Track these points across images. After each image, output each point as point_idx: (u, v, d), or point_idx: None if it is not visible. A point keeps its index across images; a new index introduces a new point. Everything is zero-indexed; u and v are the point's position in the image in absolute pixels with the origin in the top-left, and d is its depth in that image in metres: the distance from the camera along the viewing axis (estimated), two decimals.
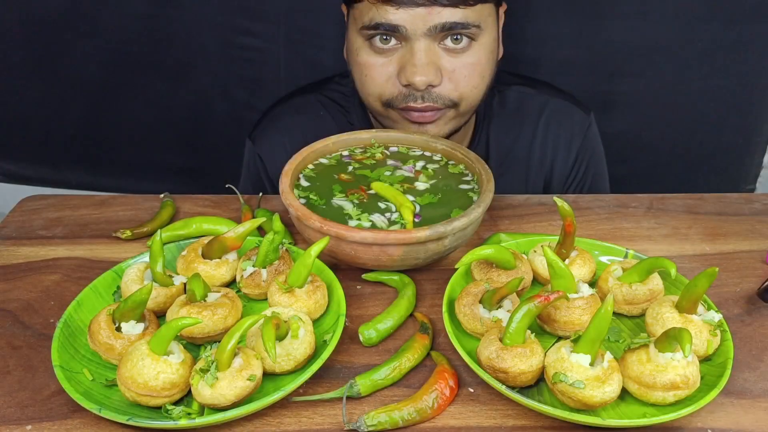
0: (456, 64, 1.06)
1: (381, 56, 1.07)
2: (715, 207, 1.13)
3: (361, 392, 0.75)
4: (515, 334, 0.73)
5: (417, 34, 1.02)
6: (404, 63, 1.04)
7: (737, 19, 1.52)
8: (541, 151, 1.28)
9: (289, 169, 0.96)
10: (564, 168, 1.30)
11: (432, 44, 1.03)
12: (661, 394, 0.70)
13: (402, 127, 1.13)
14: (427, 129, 1.11)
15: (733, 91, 1.61)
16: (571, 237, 0.87)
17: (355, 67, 1.11)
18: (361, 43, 1.07)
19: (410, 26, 1.01)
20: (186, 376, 0.71)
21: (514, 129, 1.28)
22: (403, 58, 1.05)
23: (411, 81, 1.04)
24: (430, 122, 1.10)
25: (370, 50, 1.07)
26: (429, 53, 1.03)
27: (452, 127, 1.14)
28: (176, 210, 1.08)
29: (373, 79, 1.08)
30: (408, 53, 1.04)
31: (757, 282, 0.95)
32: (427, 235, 0.84)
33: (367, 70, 1.09)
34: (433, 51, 1.04)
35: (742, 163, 1.75)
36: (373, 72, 1.08)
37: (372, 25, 1.03)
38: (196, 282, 0.78)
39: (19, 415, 0.72)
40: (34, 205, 1.09)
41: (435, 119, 1.10)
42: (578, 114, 1.30)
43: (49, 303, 0.88)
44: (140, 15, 1.57)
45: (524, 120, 1.28)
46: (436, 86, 1.06)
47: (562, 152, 1.29)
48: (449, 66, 1.05)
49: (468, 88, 1.08)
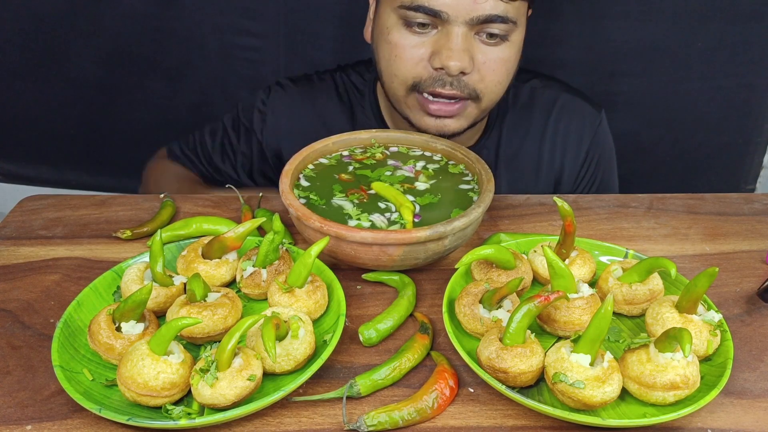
0: (488, 57, 1.05)
1: (415, 37, 1.05)
2: (715, 207, 1.13)
3: (361, 392, 0.75)
4: (515, 334, 0.73)
5: (458, 20, 1.01)
6: (440, 47, 1.03)
7: (737, 19, 1.52)
8: (551, 145, 1.28)
9: (289, 169, 0.96)
10: (575, 164, 1.30)
11: (469, 32, 1.03)
12: (661, 394, 0.70)
13: (416, 117, 1.11)
14: (446, 124, 1.09)
15: (733, 91, 1.61)
16: (571, 237, 0.87)
17: (384, 46, 1.09)
18: (395, 21, 1.06)
19: (453, 13, 1.00)
20: (186, 376, 0.71)
21: (525, 123, 1.28)
22: (438, 42, 1.04)
23: (446, 65, 1.02)
24: (450, 116, 1.09)
25: (404, 30, 1.05)
26: (465, 40, 1.03)
27: (470, 123, 1.13)
28: (176, 210, 1.08)
29: (403, 60, 1.06)
30: (444, 37, 1.03)
31: (757, 282, 0.95)
32: (427, 235, 0.84)
33: (398, 50, 1.06)
34: (470, 39, 1.03)
35: (742, 163, 1.75)
36: (405, 53, 1.06)
37: (413, 6, 1.02)
38: (196, 282, 0.78)
39: (19, 415, 0.72)
40: (34, 205, 1.09)
41: (456, 114, 1.09)
42: (589, 110, 1.30)
43: (49, 303, 0.88)
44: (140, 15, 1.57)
45: (535, 114, 1.28)
46: (467, 75, 1.05)
47: (572, 147, 1.29)
48: (481, 57, 1.05)
49: (493, 83, 1.08)
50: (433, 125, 1.10)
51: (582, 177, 1.31)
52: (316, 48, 1.60)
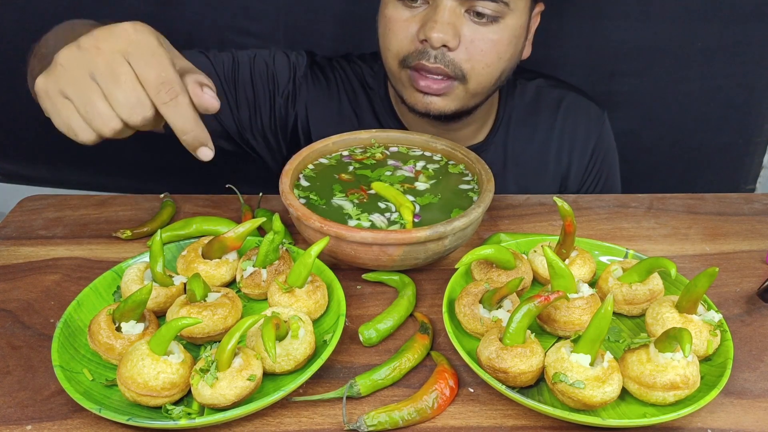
0: (476, 35, 1.04)
1: (407, 10, 1.06)
2: (715, 207, 1.13)
3: (361, 392, 0.75)
4: (515, 334, 0.73)
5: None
6: (426, 19, 1.04)
7: (737, 19, 1.51)
8: (559, 144, 1.28)
9: (289, 169, 0.96)
10: (581, 162, 1.30)
11: (458, 8, 1.03)
12: (661, 394, 0.70)
13: (407, 93, 1.11)
14: (432, 101, 1.09)
15: (733, 91, 1.61)
16: (571, 237, 0.87)
17: (381, 21, 1.11)
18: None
19: None
20: (186, 376, 0.71)
21: (532, 121, 1.28)
22: (426, 15, 1.04)
23: (428, 35, 1.02)
24: (436, 95, 1.08)
25: (399, 4, 1.06)
26: (452, 14, 1.02)
27: (458, 106, 1.11)
28: (176, 210, 1.08)
29: (395, 33, 1.07)
30: (432, 10, 1.03)
31: (757, 282, 0.95)
32: (427, 235, 0.84)
33: (391, 24, 1.08)
34: (457, 14, 1.03)
35: (742, 163, 1.75)
36: (396, 26, 1.07)
37: None
38: (196, 282, 0.78)
39: (19, 415, 0.72)
40: (34, 205, 1.09)
41: (442, 93, 1.08)
42: (594, 109, 1.31)
43: (49, 303, 0.88)
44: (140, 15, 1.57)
45: (542, 113, 1.28)
46: (452, 51, 1.04)
47: (579, 146, 1.29)
48: (469, 34, 1.04)
49: (481, 64, 1.07)
50: (420, 101, 1.10)
51: (588, 175, 1.31)
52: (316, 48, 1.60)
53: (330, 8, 1.54)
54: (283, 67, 1.25)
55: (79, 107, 0.75)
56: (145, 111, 0.74)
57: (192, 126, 0.77)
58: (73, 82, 0.74)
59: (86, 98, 0.74)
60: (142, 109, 0.74)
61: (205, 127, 0.78)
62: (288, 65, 1.26)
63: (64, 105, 0.75)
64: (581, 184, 1.32)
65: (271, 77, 1.24)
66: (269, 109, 1.25)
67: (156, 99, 0.74)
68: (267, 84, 1.24)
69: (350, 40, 1.54)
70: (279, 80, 1.25)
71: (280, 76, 1.25)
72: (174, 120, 0.75)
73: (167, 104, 0.75)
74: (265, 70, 1.24)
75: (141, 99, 0.74)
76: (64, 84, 0.75)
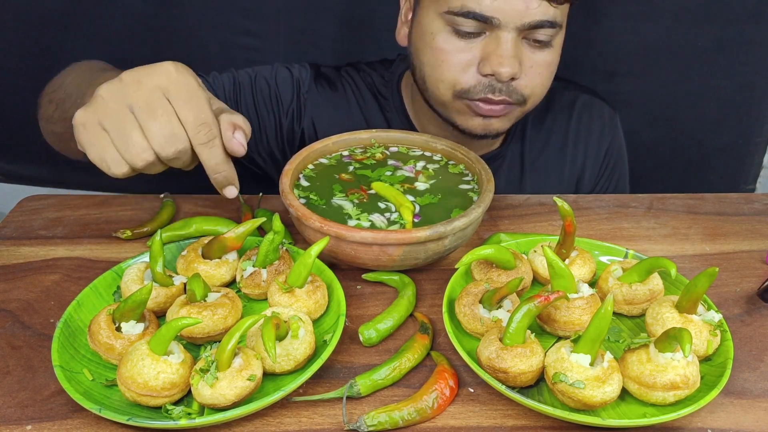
0: (534, 61, 1.04)
1: (462, 42, 1.03)
2: (715, 207, 1.13)
3: (361, 392, 0.75)
4: (515, 334, 0.73)
5: (509, 26, 0.99)
6: (489, 53, 1.01)
7: (737, 19, 1.52)
8: (574, 145, 1.28)
9: (289, 169, 0.96)
10: (596, 163, 1.30)
11: (518, 37, 1.01)
12: (661, 394, 0.70)
13: (463, 120, 1.10)
14: (491, 123, 1.09)
15: (733, 91, 1.61)
16: (571, 237, 0.87)
17: (427, 52, 1.07)
18: (441, 26, 1.03)
19: (504, 18, 0.98)
20: (186, 376, 0.71)
21: (547, 125, 1.28)
22: (487, 47, 1.02)
23: (497, 71, 1.01)
24: (497, 116, 1.08)
25: (452, 35, 1.03)
26: (516, 46, 1.01)
27: (513, 123, 1.13)
28: (176, 210, 1.08)
29: (451, 65, 1.04)
30: (494, 43, 1.01)
31: (757, 282, 0.95)
32: (427, 235, 0.84)
33: (444, 56, 1.04)
34: (518, 44, 1.02)
35: (742, 163, 1.75)
36: (452, 58, 1.04)
37: (462, 12, 0.99)
38: (196, 282, 0.78)
39: (19, 415, 0.72)
40: (34, 205, 1.09)
41: (503, 114, 1.08)
42: (607, 110, 1.31)
43: (49, 303, 0.88)
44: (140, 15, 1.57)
45: (556, 116, 1.28)
46: (516, 80, 1.04)
47: (593, 146, 1.29)
48: (528, 62, 1.04)
49: (539, 86, 1.07)
50: (480, 125, 1.09)
51: (601, 177, 1.31)
52: (316, 48, 1.60)
53: (331, 8, 1.54)
54: (287, 85, 1.23)
55: (114, 138, 0.76)
56: (178, 144, 0.76)
57: (224, 166, 0.80)
58: (112, 113, 0.76)
59: (122, 129, 0.75)
60: (176, 142, 0.76)
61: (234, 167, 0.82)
62: (291, 82, 1.23)
63: (100, 137, 0.77)
64: (594, 185, 1.31)
65: (274, 98, 1.23)
66: (275, 130, 1.24)
67: (194, 139, 0.77)
68: (271, 105, 1.23)
69: (351, 40, 1.54)
70: (283, 100, 1.23)
71: (283, 95, 1.23)
72: (208, 160, 0.79)
73: (204, 145, 0.77)
74: (267, 90, 1.22)
75: (176, 132, 0.76)
76: (102, 115, 0.76)
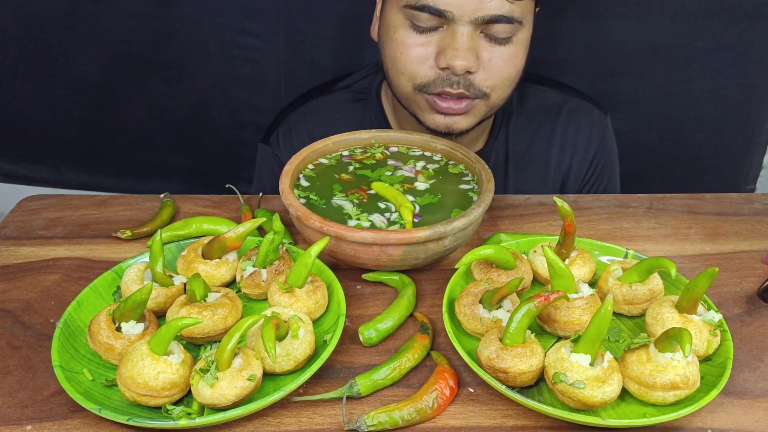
0: (493, 55, 1.05)
1: (421, 35, 1.04)
2: (715, 207, 1.13)
3: (361, 392, 0.75)
4: (515, 334, 0.73)
5: (463, 20, 1.00)
6: (445, 46, 1.03)
7: (737, 19, 1.51)
8: (560, 148, 1.28)
9: (289, 169, 0.96)
10: (581, 167, 1.30)
11: (474, 31, 1.02)
12: (661, 394, 0.70)
13: (425, 116, 1.11)
14: (455, 121, 1.09)
15: (733, 91, 1.61)
16: (571, 237, 0.87)
17: (390, 44, 1.09)
18: (401, 20, 1.05)
19: (458, 12, 1.00)
20: (186, 376, 0.71)
21: (533, 126, 1.28)
22: (443, 41, 1.03)
23: (451, 64, 1.02)
24: (459, 114, 1.08)
25: (410, 29, 1.05)
26: (471, 39, 1.02)
27: (479, 121, 1.12)
28: (176, 210, 1.08)
29: (410, 58, 1.06)
30: (449, 36, 1.02)
31: (757, 282, 0.95)
32: (427, 235, 0.84)
33: (403, 49, 1.06)
34: (475, 38, 1.03)
35: (742, 163, 1.75)
36: (410, 51, 1.06)
37: (418, 6, 1.01)
38: (196, 282, 0.78)
39: (19, 415, 0.72)
40: (34, 205, 1.09)
41: (465, 111, 1.08)
42: (597, 113, 1.30)
43: (49, 303, 0.88)
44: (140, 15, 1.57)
45: (543, 117, 1.28)
46: (473, 74, 1.05)
47: (580, 151, 1.29)
48: (487, 55, 1.04)
49: (500, 80, 1.07)
50: (442, 123, 1.10)
51: (588, 179, 1.31)
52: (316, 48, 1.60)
53: (331, 8, 1.54)
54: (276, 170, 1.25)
55: None
56: None
57: None
58: None
59: None
60: None
61: None
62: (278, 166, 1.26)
63: None
64: (580, 187, 1.31)
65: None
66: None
67: None
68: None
69: (351, 39, 1.54)
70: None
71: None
72: None
73: None
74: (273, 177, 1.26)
75: None
76: None
